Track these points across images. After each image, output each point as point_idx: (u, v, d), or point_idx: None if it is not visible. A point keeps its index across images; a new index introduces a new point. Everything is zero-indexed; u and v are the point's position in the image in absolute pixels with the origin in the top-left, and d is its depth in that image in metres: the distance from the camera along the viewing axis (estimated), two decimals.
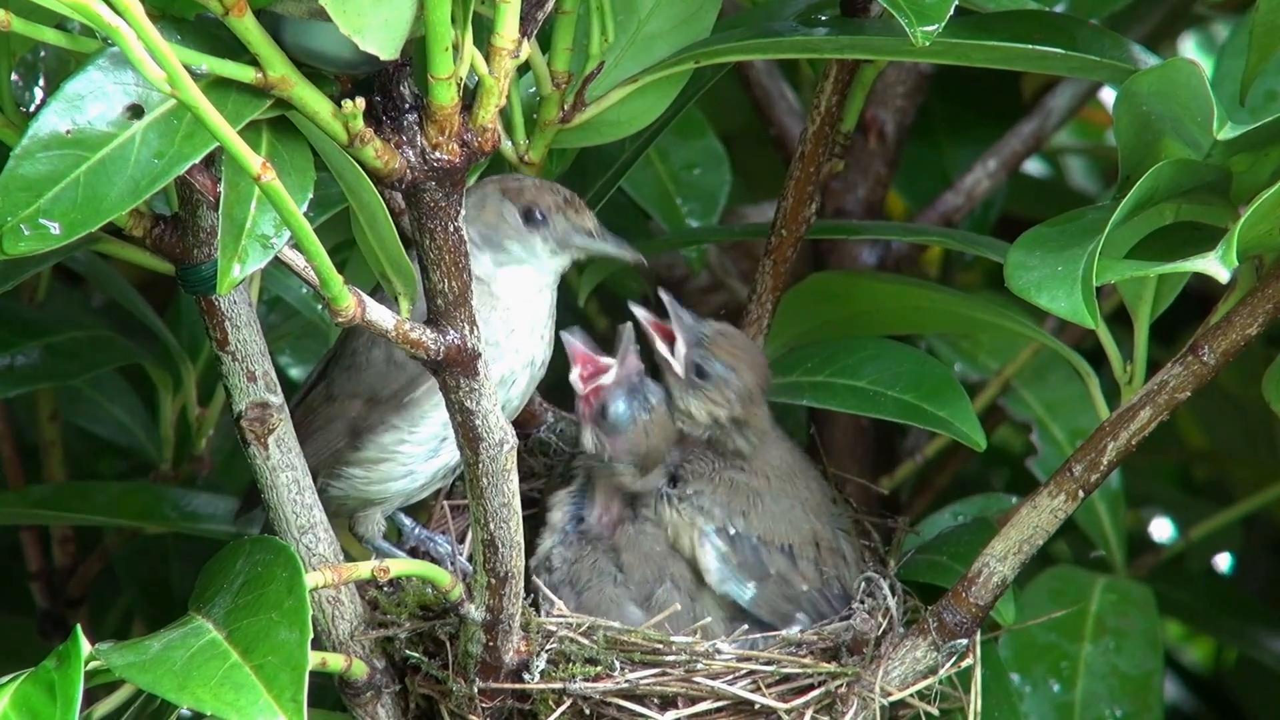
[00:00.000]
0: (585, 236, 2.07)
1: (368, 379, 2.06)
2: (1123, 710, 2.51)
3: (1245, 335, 1.97)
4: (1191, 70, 1.85)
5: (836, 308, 2.34)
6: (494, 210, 2.05)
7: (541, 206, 2.05)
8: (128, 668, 1.78)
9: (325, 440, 2.08)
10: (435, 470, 2.09)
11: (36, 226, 1.66)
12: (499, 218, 2.05)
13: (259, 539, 1.87)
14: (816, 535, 2.17)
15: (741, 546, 2.14)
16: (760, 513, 2.16)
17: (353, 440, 2.07)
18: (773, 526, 2.15)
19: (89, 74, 1.68)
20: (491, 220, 2.05)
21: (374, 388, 2.05)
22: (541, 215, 2.05)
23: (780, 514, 2.16)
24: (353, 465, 2.08)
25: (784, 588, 2.13)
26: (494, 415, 1.86)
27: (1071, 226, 1.91)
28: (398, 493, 2.10)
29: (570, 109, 2.11)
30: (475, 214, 2.04)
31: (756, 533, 2.15)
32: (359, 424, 2.06)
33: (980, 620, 2.09)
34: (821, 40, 2.07)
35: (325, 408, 2.08)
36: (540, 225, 2.05)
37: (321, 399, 2.09)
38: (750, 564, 2.14)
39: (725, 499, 2.16)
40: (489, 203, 2.05)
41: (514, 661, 2.03)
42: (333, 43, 1.67)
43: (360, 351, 2.07)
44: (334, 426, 2.07)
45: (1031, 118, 2.79)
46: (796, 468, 2.20)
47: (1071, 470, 2.04)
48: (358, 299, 1.75)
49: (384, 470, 2.08)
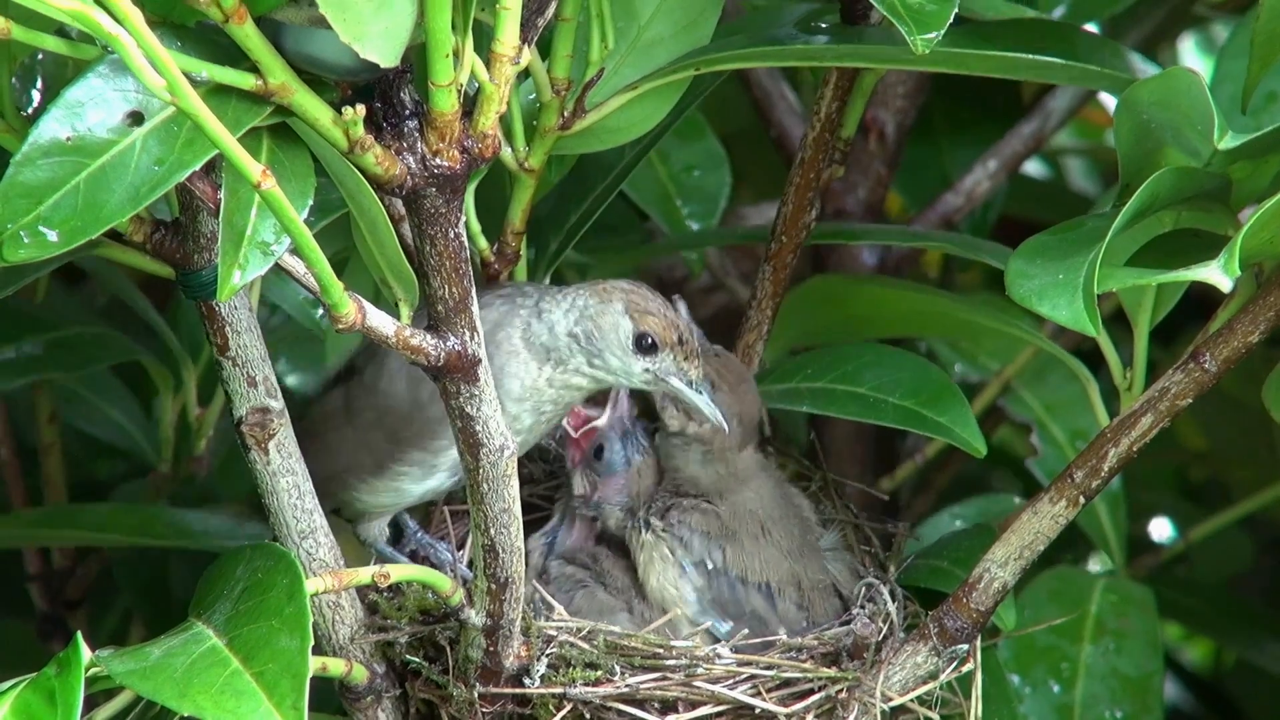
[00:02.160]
0: (682, 383, 2.05)
1: (391, 413, 2.06)
2: (1123, 711, 2.51)
3: (1247, 343, 1.97)
4: (1192, 79, 1.85)
5: (837, 311, 2.34)
6: (612, 322, 2.03)
7: (657, 338, 2.03)
8: (128, 675, 1.78)
9: (346, 464, 2.08)
10: (424, 491, 2.10)
11: (36, 233, 1.66)
12: (614, 329, 2.03)
13: (259, 545, 1.87)
14: (797, 576, 2.16)
15: (718, 582, 2.14)
16: (738, 550, 2.16)
17: (376, 465, 2.07)
18: (749, 564, 2.15)
19: (89, 80, 1.68)
20: (605, 327, 2.03)
21: (394, 424, 2.06)
22: (653, 344, 2.04)
23: (756, 553, 2.16)
24: (353, 480, 2.09)
25: (759, 627, 2.13)
26: (494, 421, 1.86)
27: (1072, 235, 1.91)
28: (389, 504, 2.11)
29: (570, 116, 2.11)
30: (592, 316, 2.03)
31: (735, 569, 2.15)
32: (379, 454, 2.07)
33: (981, 626, 2.09)
34: (822, 48, 2.07)
35: (343, 428, 2.09)
36: (648, 353, 2.04)
37: (341, 418, 2.09)
38: (725, 601, 2.14)
39: (704, 531, 2.16)
40: (610, 313, 2.03)
41: (514, 666, 2.03)
42: (333, 50, 1.67)
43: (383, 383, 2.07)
44: (352, 449, 2.08)
45: (1031, 118, 2.79)
46: (775, 511, 2.19)
47: (1072, 476, 2.04)
48: (358, 305, 1.75)
49: (381, 485, 2.09)
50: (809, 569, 2.17)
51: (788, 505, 2.22)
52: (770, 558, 2.16)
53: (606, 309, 2.03)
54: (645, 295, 2.05)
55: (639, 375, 2.04)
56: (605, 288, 2.05)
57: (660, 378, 2.04)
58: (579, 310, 2.03)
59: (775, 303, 2.30)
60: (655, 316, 2.03)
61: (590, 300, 2.03)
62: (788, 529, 2.19)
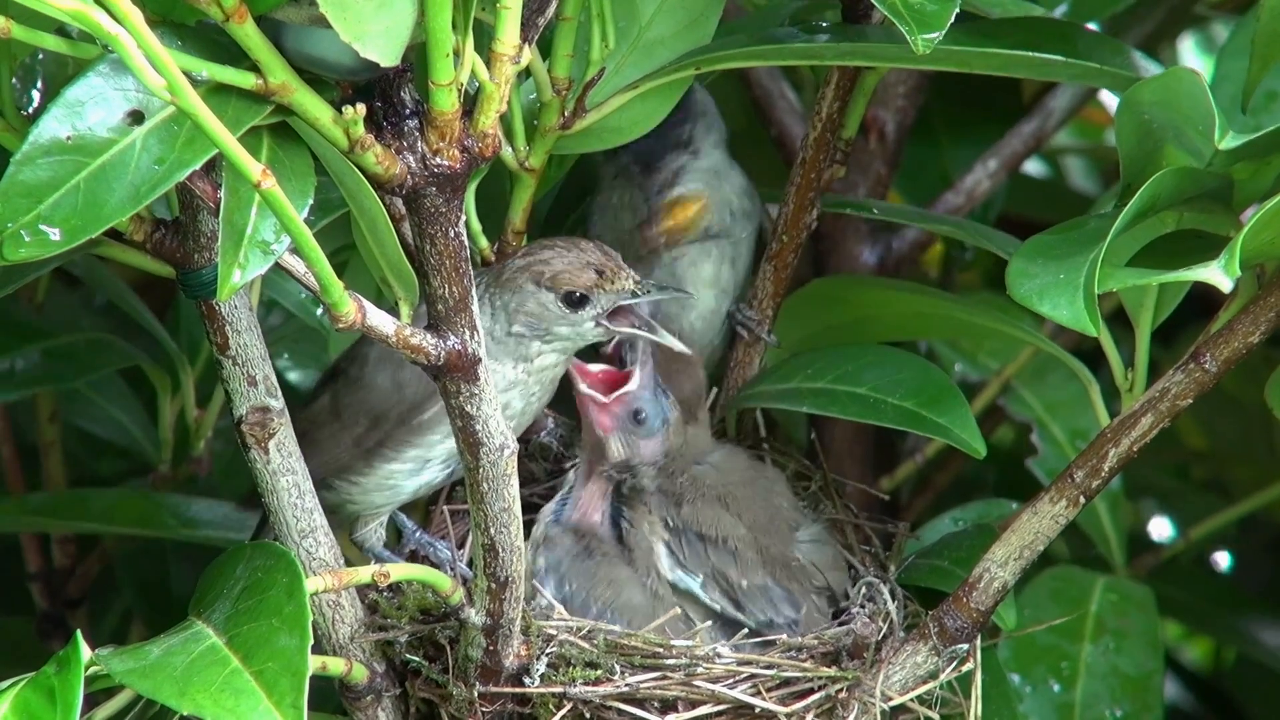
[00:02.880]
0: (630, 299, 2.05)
1: (373, 399, 2.06)
2: (1123, 710, 2.51)
3: (1248, 344, 1.97)
4: (1193, 79, 1.85)
5: (838, 313, 2.34)
6: (536, 301, 2.03)
7: (579, 289, 2.03)
8: (128, 673, 1.78)
9: (332, 456, 2.08)
10: (417, 486, 2.10)
11: (37, 232, 1.66)
12: (541, 307, 2.03)
13: (259, 544, 1.88)
14: (761, 545, 2.17)
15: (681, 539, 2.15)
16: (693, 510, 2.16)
17: (365, 460, 2.07)
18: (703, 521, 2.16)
19: (89, 80, 1.68)
20: (532, 310, 2.03)
21: (377, 409, 2.06)
22: (581, 296, 2.04)
23: (714, 517, 2.16)
24: (346, 478, 2.09)
25: (725, 586, 2.13)
26: (494, 420, 1.86)
27: (1073, 234, 1.91)
28: (382, 503, 2.11)
29: (571, 115, 2.11)
30: (516, 309, 2.03)
31: (693, 526, 2.15)
32: (367, 444, 2.07)
33: (981, 625, 2.09)
34: (823, 47, 2.07)
35: (331, 424, 2.09)
36: (583, 304, 2.04)
37: (328, 415, 2.10)
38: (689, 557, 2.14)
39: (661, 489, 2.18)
40: (526, 296, 2.03)
41: (514, 665, 2.03)
42: (333, 49, 1.67)
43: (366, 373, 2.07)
44: (341, 444, 2.08)
45: (1031, 118, 2.79)
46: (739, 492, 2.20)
47: (1073, 476, 2.04)
48: (358, 304, 1.75)
49: (372, 483, 2.09)
50: (774, 544, 2.17)
51: (754, 490, 2.22)
52: (729, 523, 2.16)
53: (521, 294, 2.03)
54: (541, 257, 2.04)
55: (590, 329, 2.05)
56: (508, 276, 2.04)
57: (608, 314, 2.04)
58: (503, 308, 2.03)
59: (776, 303, 2.30)
60: (562, 269, 2.03)
61: (504, 295, 2.03)
62: (750, 506, 2.19)
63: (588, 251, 2.05)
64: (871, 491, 2.45)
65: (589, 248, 2.05)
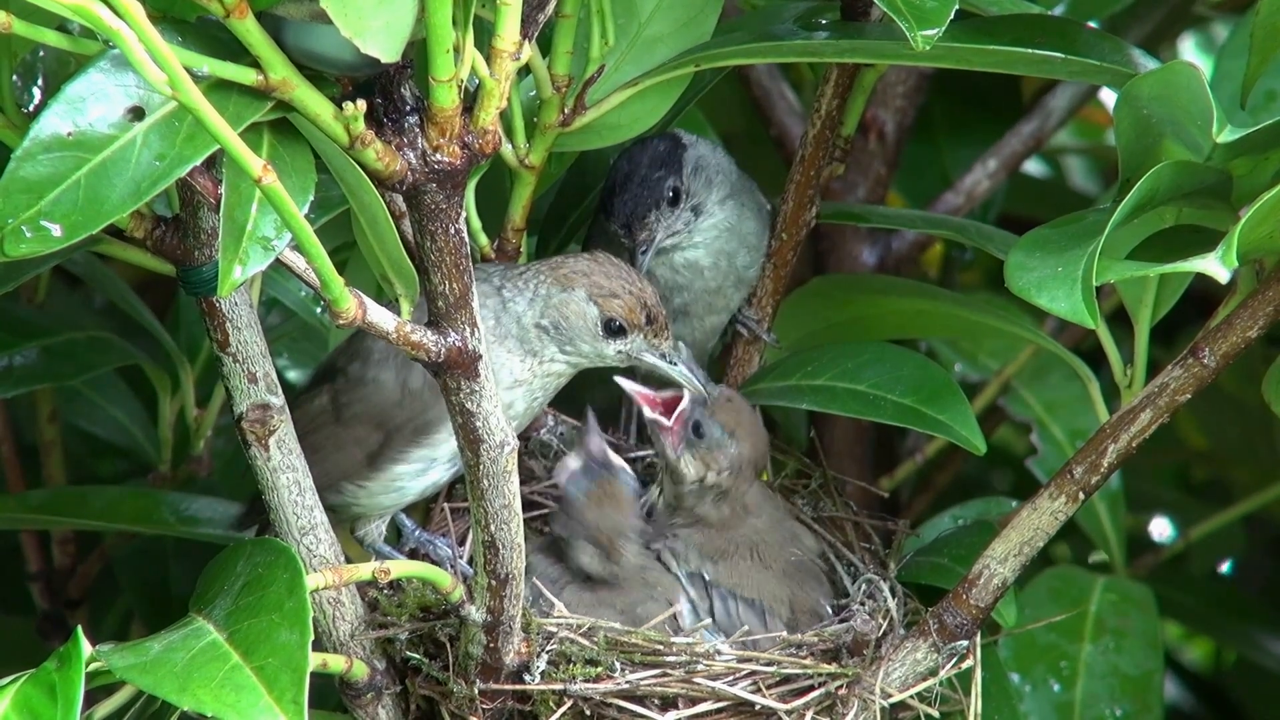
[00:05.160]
0: (656, 357, 2.06)
1: (377, 399, 2.06)
2: (1123, 710, 2.51)
3: (1246, 338, 1.97)
4: (1192, 74, 1.85)
5: (838, 312, 2.34)
6: (578, 310, 2.03)
7: (624, 321, 2.04)
8: (129, 669, 1.78)
9: (338, 463, 2.08)
10: (424, 487, 2.10)
11: (38, 228, 1.66)
12: (580, 317, 2.03)
13: (260, 540, 1.88)
14: (790, 597, 2.16)
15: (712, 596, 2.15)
16: (731, 568, 2.16)
17: (371, 464, 2.08)
18: (741, 581, 2.16)
19: (90, 76, 1.68)
20: (570, 316, 2.03)
21: (381, 408, 2.06)
22: (621, 328, 2.04)
23: (749, 573, 2.16)
24: (352, 482, 2.09)
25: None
26: (495, 417, 1.86)
27: (1072, 228, 1.91)
28: (389, 505, 2.11)
29: (570, 112, 2.11)
30: (559, 306, 2.03)
31: (726, 584, 2.15)
32: (371, 447, 2.07)
33: (981, 622, 2.09)
34: (822, 44, 2.07)
35: (331, 426, 2.09)
36: (617, 336, 2.04)
37: (327, 416, 2.10)
38: (718, 615, 2.14)
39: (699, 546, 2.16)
40: (575, 301, 2.03)
41: (514, 663, 2.03)
42: (334, 45, 1.67)
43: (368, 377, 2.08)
44: (346, 450, 2.08)
45: (1031, 118, 2.79)
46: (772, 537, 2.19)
47: (1072, 472, 2.04)
48: (358, 301, 1.75)
49: (379, 486, 2.09)
50: (801, 590, 2.17)
51: (785, 532, 2.22)
52: (763, 579, 2.16)
53: (570, 298, 2.03)
54: (608, 274, 2.05)
55: (612, 357, 2.05)
56: (566, 273, 2.04)
57: (633, 356, 2.05)
58: (543, 300, 2.03)
59: (775, 301, 2.30)
60: (620, 299, 2.04)
61: (553, 289, 2.03)
62: (783, 554, 2.18)
63: (647, 294, 2.05)
64: (872, 490, 2.45)
65: (650, 291, 2.05)
